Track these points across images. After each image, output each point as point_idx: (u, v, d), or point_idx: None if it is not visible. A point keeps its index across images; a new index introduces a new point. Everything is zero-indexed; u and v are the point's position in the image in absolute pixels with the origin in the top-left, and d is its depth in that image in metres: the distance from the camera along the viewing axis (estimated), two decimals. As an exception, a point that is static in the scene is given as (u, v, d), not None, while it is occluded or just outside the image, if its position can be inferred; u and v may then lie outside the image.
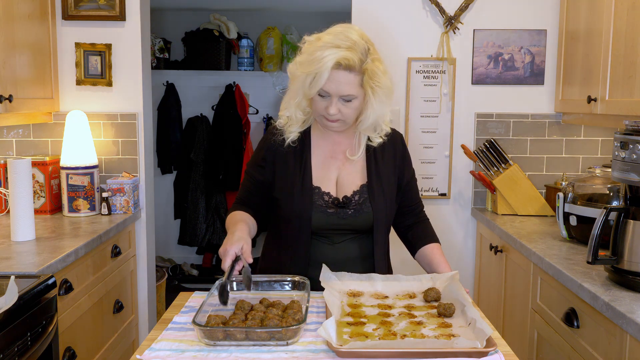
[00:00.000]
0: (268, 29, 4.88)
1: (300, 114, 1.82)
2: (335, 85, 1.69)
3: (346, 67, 1.68)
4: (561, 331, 2.02)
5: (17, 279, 1.67)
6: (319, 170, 1.84)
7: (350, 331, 1.43)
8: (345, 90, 1.70)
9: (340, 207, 1.80)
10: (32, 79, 2.66)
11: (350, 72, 1.69)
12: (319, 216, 1.78)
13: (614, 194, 2.24)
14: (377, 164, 1.85)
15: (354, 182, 1.83)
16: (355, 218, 1.80)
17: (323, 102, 1.73)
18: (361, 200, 1.81)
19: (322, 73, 1.66)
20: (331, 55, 1.65)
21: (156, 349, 1.37)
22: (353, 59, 1.67)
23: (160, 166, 4.99)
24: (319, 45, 1.69)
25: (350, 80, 1.70)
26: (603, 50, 2.41)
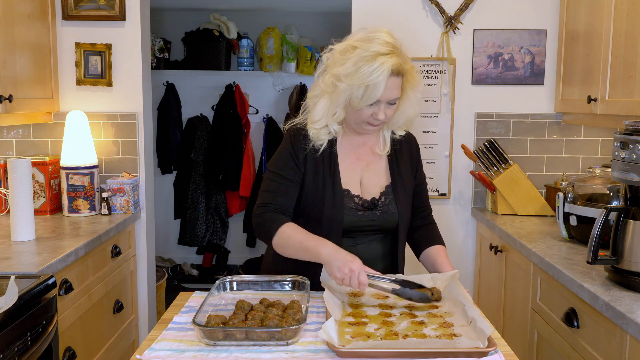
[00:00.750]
0: (268, 29, 4.87)
1: (336, 126, 1.81)
2: (387, 93, 1.69)
3: (397, 72, 1.69)
4: (561, 331, 2.02)
5: (17, 279, 1.67)
6: (346, 172, 1.84)
7: (352, 331, 1.44)
8: (394, 95, 1.72)
9: (369, 209, 1.82)
10: (32, 79, 2.66)
11: (398, 77, 1.70)
12: (351, 218, 1.80)
13: (614, 194, 2.24)
14: (399, 164, 1.89)
15: (378, 183, 1.85)
16: (383, 219, 1.82)
17: (370, 109, 1.72)
18: (387, 201, 1.83)
19: (378, 85, 1.65)
20: (384, 65, 1.64)
21: (156, 349, 1.37)
22: (400, 63, 1.69)
23: (160, 166, 4.99)
24: (361, 55, 1.66)
25: (398, 84, 1.72)
26: (603, 50, 2.41)
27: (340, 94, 1.70)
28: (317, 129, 1.80)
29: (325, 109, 1.77)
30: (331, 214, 1.79)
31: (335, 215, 1.79)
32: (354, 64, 1.66)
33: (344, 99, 1.72)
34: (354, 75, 1.66)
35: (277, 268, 1.86)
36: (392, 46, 1.69)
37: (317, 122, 1.79)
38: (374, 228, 1.83)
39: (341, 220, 1.79)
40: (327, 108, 1.76)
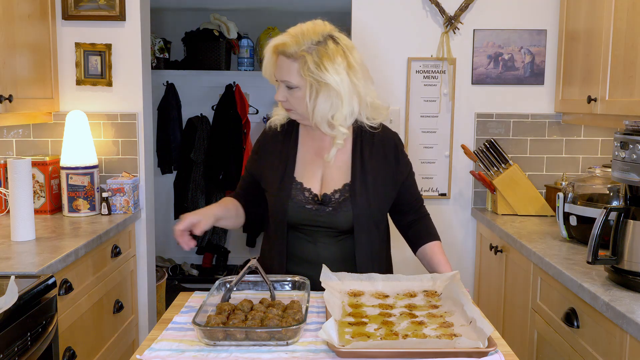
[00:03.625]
0: (268, 29, 4.87)
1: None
2: (270, 70, 1.77)
3: (281, 52, 1.72)
4: (561, 331, 2.02)
5: (17, 279, 1.67)
6: (304, 166, 1.85)
7: (352, 331, 1.43)
8: (283, 76, 1.74)
9: (320, 204, 1.80)
10: (32, 79, 2.66)
11: (287, 58, 1.72)
12: (297, 210, 1.79)
13: (614, 194, 2.24)
14: (364, 163, 1.84)
15: (338, 180, 1.83)
16: (333, 216, 1.79)
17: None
18: (341, 199, 1.80)
19: (266, 56, 1.76)
20: (272, 41, 1.74)
21: (156, 349, 1.37)
22: (289, 44, 1.70)
23: (160, 166, 4.99)
24: None
25: (288, 67, 1.72)
26: (603, 50, 2.41)
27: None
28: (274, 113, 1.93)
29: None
30: (277, 203, 1.81)
31: (280, 206, 1.80)
32: None
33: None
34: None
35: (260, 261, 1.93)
36: (299, 30, 1.73)
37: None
38: (325, 225, 1.80)
39: (285, 211, 1.79)
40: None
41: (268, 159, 1.89)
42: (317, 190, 1.82)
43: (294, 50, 1.70)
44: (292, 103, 1.76)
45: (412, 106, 3.06)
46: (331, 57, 1.70)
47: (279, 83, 1.76)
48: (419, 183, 3.09)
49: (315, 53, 1.70)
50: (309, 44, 1.70)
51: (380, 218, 1.88)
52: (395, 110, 3.06)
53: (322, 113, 1.74)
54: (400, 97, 3.06)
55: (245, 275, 1.65)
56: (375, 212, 1.84)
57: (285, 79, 1.73)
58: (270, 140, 1.91)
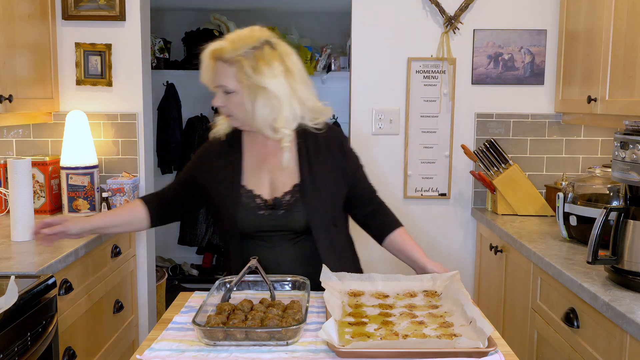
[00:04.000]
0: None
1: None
2: (212, 76, 1.77)
3: (218, 57, 1.74)
4: (561, 331, 2.02)
5: (17, 279, 1.67)
6: (251, 173, 1.84)
7: (352, 331, 1.43)
8: (220, 81, 1.75)
9: (272, 209, 1.79)
10: (32, 79, 2.66)
11: (224, 63, 1.73)
12: (250, 218, 1.79)
13: (614, 194, 2.24)
14: (311, 163, 1.83)
15: (286, 183, 1.82)
16: (287, 218, 1.79)
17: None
18: (292, 200, 1.79)
19: (203, 62, 1.77)
20: (209, 47, 1.75)
21: (156, 349, 1.37)
22: (226, 49, 1.72)
23: (160, 166, 4.99)
24: None
25: (225, 71, 1.73)
26: (603, 50, 2.41)
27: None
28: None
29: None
30: (228, 212, 1.81)
31: (231, 215, 1.80)
32: None
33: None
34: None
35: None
36: (236, 36, 1.75)
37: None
38: (281, 229, 1.80)
39: (235, 219, 1.79)
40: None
41: (214, 170, 1.86)
42: (267, 195, 1.81)
43: (230, 55, 1.71)
44: (230, 109, 1.77)
45: (412, 106, 3.06)
46: (268, 62, 1.72)
47: (217, 89, 1.77)
48: (419, 183, 3.10)
49: (252, 57, 1.71)
50: (246, 49, 1.72)
51: (336, 215, 1.87)
52: (395, 110, 3.06)
53: (262, 117, 1.75)
54: (400, 97, 3.06)
55: (245, 275, 1.65)
56: (329, 208, 1.83)
57: (222, 83, 1.74)
58: (216, 150, 1.89)
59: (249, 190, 1.81)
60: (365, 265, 2.04)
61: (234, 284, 1.62)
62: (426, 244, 3.12)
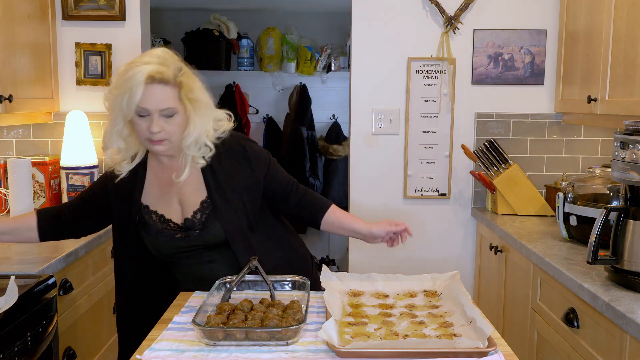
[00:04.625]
0: (268, 29, 4.87)
1: (122, 143, 1.79)
2: (152, 101, 1.67)
3: (160, 80, 1.67)
4: (561, 331, 2.02)
5: (17, 279, 1.67)
6: (159, 199, 1.83)
7: (352, 331, 1.44)
8: (163, 104, 1.68)
9: (187, 230, 1.79)
10: (32, 79, 2.66)
11: (165, 85, 1.69)
12: (168, 243, 1.80)
13: (614, 194, 2.24)
14: (216, 175, 1.81)
15: (194, 201, 1.81)
16: (204, 236, 1.79)
17: (144, 122, 1.69)
18: (204, 217, 1.79)
19: (137, 87, 1.65)
20: (143, 70, 1.65)
21: (156, 349, 1.37)
22: (166, 71, 1.68)
23: (160, 166, 4.98)
24: (129, 66, 1.69)
25: (167, 93, 1.69)
26: (603, 50, 2.41)
27: (114, 104, 1.71)
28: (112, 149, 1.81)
29: (109, 126, 1.77)
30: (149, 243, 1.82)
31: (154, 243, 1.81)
32: (122, 74, 1.70)
33: (118, 111, 1.71)
34: (118, 84, 1.69)
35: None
36: (162, 58, 1.71)
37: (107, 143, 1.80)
38: (201, 247, 1.80)
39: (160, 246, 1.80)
40: (110, 124, 1.76)
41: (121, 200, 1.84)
42: (178, 218, 1.81)
43: (171, 76, 1.70)
44: (169, 131, 1.71)
45: (412, 106, 3.06)
46: (193, 77, 1.78)
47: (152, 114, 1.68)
48: (419, 183, 3.10)
49: (185, 75, 1.74)
50: (178, 69, 1.73)
51: (252, 221, 1.84)
52: (395, 110, 3.06)
53: (197, 132, 1.74)
54: (400, 97, 3.06)
55: (245, 275, 1.65)
56: (243, 218, 1.81)
57: (165, 106, 1.69)
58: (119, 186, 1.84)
59: (160, 216, 1.81)
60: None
61: (234, 284, 1.62)
62: (426, 244, 3.12)
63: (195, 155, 1.77)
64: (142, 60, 1.70)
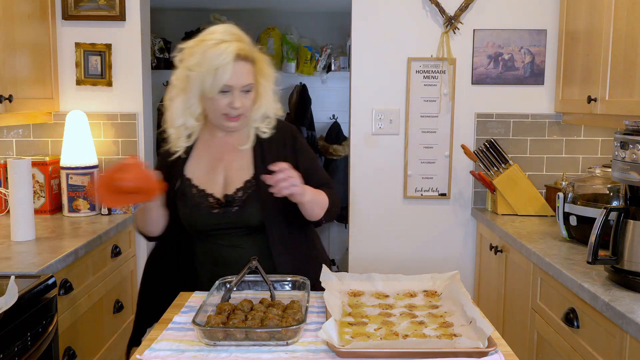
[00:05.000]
0: (268, 29, 4.87)
1: (192, 121, 1.81)
2: (236, 77, 1.72)
3: (244, 57, 1.73)
4: (561, 331, 2.02)
5: (17, 279, 1.67)
6: (204, 173, 1.85)
7: (352, 331, 1.43)
8: (246, 80, 1.74)
9: (225, 206, 1.80)
10: (32, 79, 2.66)
11: (246, 62, 1.75)
12: (205, 217, 1.80)
13: (614, 194, 2.24)
14: (265, 157, 1.84)
15: (239, 179, 1.83)
16: (240, 215, 1.79)
17: (225, 98, 1.73)
18: (245, 196, 1.80)
19: (226, 66, 1.69)
20: (229, 48, 1.70)
21: (156, 349, 1.37)
22: (247, 48, 1.75)
23: (160, 166, 4.98)
24: (207, 44, 1.72)
25: (248, 69, 1.75)
26: (603, 50, 2.41)
27: (193, 83, 1.74)
28: (176, 127, 1.83)
29: (181, 104, 1.79)
30: (185, 215, 1.82)
31: (189, 216, 1.82)
32: (202, 52, 1.72)
33: (197, 89, 1.74)
34: (202, 62, 1.71)
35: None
36: (237, 35, 1.77)
37: (175, 120, 1.82)
38: (234, 225, 1.81)
39: (194, 220, 1.81)
40: (183, 103, 1.79)
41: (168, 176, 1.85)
42: (219, 193, 1.82)
43: (250, 52, 1.76)
44: (246, 107, 1.77)
45: (412, 106, 3.06)
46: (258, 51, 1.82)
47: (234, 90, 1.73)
48: (419, 183, 3.10)
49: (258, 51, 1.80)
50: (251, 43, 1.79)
51: (290, 209, 1.80)
52: (395, 110, 3.06)
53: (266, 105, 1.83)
54: (400, 97, 3.06)
55: (245, 275, 1.65)
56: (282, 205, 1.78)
57: (246, 82, 1.75)
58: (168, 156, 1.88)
59: (201, 190, 1.82)
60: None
61: (234, 284, 1.62)
62: (426, 244, 3.12)
63: (259, 126, 1.86)
64: (218, 37, 1.73)
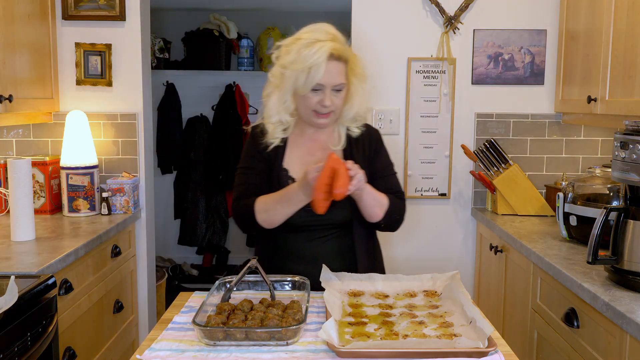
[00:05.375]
0: (268, 29, 4.87)
1: (286, 116, 1.87)
2: (328, 76, 1.76)
3: (337, 57, 1.76)
4: (561, 331, 2.02)
5: (17, 279, 1.67)
6: (296, 167, 1.88)
7: (352, 331, 1.44)
8: (337, 80, 1.78)
9: None
10: (32, 79, 2.66)
11: (339, 62, 1.78)
12: (299, 213, 1.81)
13: (614, 194, 2.24)
14: (354, 156, 1.89)
15: None
16: (333, 213, 1.81)
17: (316, 96, 1.79)
18: None
19: (319, 66, 1.73)
20: (323, 48, 1.73)
21: (156, 349, 1.37)
22: (341, 48, 1.77)
23: (160, 166, 4.98)
24: (302, 43, 1.76)
25: (341, 69, 1.78)
26: (603, 50, 2.41)
27: (287, 81, 1.79)
28: (273, 123, 1.88)
29: (277, 101, 1.85)
30: None
31: None
32: (297, 51, 1.76)
33: (290, 86, 1.80)
34: (296, 60, 1.76)
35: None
36: (332, 35, 1.79)
37: (271, 116, 1.87)
38: (324, 223, 1.85)
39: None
40: (278, 99, 1.84)
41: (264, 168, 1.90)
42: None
43: (344, 52, 1.78)
44: (336, 105, 1.82)
45: (412, 106, 3.06)
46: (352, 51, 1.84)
47: (326, 88, 1.77)
48: (419, 183, 3.10)
49: (351, 51, 1.83)
50: (345, 43, 1.81)
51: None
52: (395, 110, 3.06)
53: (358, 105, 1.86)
54: (400, 97, 3.06)
55: (245, 275, 1.65)
56: None
57: (338, 82, 1.79)
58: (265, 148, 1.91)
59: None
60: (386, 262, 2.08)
61: (234, 284, 1.62)
62: (426, 243, 3.12)
63: (350, 126, 1.92)
64: (314, 36, 1.77)
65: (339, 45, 1.78)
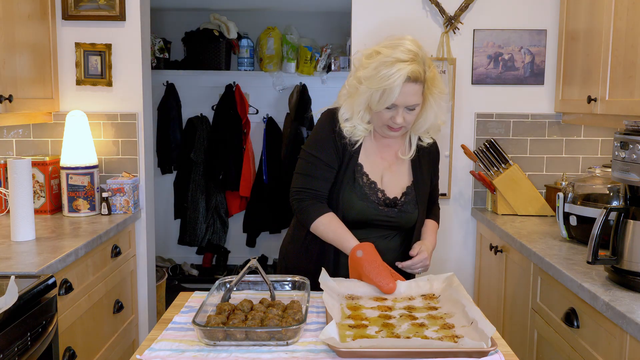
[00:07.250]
0: (268, 29, 4.87)
1: (362, 125, 1.89)
2: (403, 97, 1.77)
3: (414, 79, 1.76)
4: (561, 331, 2.02)
5: (17, 279, 1.67)
6: (368, 167, 1.93)
7: (353, 334, 1.43)
8: (412, 101, 1.79)
9: (389, 206, 1.90)
10: (32, 79, 2.66)
11: (416, 84, 1.78)
12: (371, 211, 1.88)
13: (614, 194, 2.24)
14: (421, 166, 1.98)
15: (399, 183, 1.95)
16: (400, 217, 1.92)
17: (388, 113, 1.82)
18: (407, 200, 1.93)
19: (394, 89, 1.74)
20: (401, 71, 1.73)
21: (156, 349, 1.37)
22: (419, 70, 1.77)
23: (160, 166, 4.98)
24: (381, 60, 1.76)
25: (416, 90, 1.79)
26: (603, 50, 2.41)
27: (361, 95, 1.81)
28: (348, 128, 1.90)
29: (351, 110, 1.87)
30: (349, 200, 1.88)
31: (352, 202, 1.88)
32: (375, 68, 1.76)
33: (364, 101, 1.82)
34: (373, 78, 1.76)
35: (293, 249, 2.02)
36: (414, 54, 1.77)
37: (346, 121, 1.90)
38: (390, 224, 1.92)
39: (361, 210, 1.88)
40: (352, 109, 1.86)
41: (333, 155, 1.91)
42: (388, 192, 1.92)
43: (422, 74, 1.79)
44: (408, 121, 1.85)
45: (412, 106, 3.06)
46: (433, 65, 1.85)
47: (399, 108, 1.80)
48: (419, 183, 3.10)
49: (429, 69, 1.81)
50: (425, 63, 1.80)
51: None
52: (395, 110, 3.06)
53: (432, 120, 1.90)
54: (400, 97, 3.06)
55: (245, 275, 1.65)
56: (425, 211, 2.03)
57: (413, 103, 1.80)
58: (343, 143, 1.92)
59: (373, 181, 1.91)
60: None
61: (234, 284, 1.62)
62: (426, 244, 3.12)
63: (421, 136, 1.97)
64: (395, 55, 1.76)
65: (418, 67, 1.77)
